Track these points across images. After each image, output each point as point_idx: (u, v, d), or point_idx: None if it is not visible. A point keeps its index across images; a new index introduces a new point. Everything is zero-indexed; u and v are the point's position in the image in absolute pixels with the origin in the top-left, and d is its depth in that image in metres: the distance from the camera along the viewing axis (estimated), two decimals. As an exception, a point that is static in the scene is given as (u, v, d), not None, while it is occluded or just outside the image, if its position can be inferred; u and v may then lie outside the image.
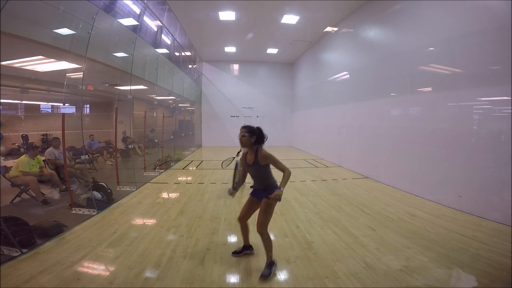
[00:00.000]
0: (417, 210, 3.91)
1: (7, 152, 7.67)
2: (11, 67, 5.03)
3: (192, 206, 4.18)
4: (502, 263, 2.40)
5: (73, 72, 4.11)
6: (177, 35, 9.62)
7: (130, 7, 6.44)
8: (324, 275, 2.25)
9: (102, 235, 3.06)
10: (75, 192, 4.48)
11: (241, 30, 9.16)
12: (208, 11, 7.67)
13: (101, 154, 7.75)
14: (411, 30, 4.93)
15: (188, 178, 6.40)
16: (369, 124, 6.39)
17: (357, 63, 7.08)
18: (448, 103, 4.21)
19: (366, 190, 5.17)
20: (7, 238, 2.60)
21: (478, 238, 2.92)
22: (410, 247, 2.75)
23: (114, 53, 5.44)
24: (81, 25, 3.95)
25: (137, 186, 5.26)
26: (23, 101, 8.54)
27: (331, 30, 8.68)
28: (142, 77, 6.47)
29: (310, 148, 11.17)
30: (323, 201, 4.37)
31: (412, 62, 4.92)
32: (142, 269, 2.35)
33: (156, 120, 8.61)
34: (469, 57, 3.83)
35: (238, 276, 2.28)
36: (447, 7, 4.12)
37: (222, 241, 2.94)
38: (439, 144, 4.31)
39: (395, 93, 5.56)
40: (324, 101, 9.47)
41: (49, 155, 4.99)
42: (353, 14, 7.19)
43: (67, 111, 4.14)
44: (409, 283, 2.14)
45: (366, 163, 6.53)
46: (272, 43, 10.92)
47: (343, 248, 2.76)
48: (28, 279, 2.16)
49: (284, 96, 14.10)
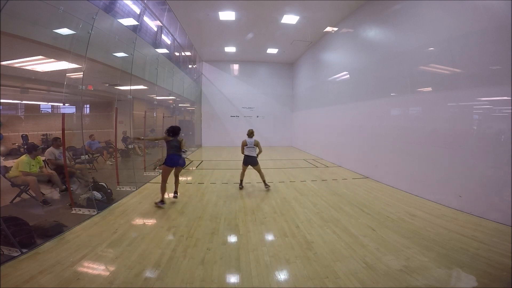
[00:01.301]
0: (417, 210, 3.91)
1: (7, 152, 7.67)
2: (11, 67, 5.02)
3: (192, 206, 4.19)
4: (502, 263, 2.41)
5: (73, 72, 4.11)
6: (177, 35, 9.62)
7: (130, 7, 6.44)
8: (324, 275, 2.25)
9: (102, 235, 3.06)
10: (75, 192, 4.48)
11: (241, 30, 9.16)
12: (208, 11, 7.68)
13: (101, 154, 7.75)
14: (411, 30, 4.93)
15: (188, 178, 6.40)
16: (369, 124, 6.40)
17: (357, 63, 7.08)
18: (448, 103, 4.21)
19: (366, 190, 5.17)
20: (7, 238, 2.60)
21: (478, 238, 2.92)
22: (410, 247, 2.75)
23: (114, 53, 5.44)
24: (81, 25, 3.95)
25: (137, 186, 5.26)
26: (23, 101, 8.54)
27: (331, 30, 8.69)
28: (142, 77, 6.47)
29: (310, 148, 11.17)
30: (323, 201, 4.37)
31: (412, 62, 4.92)
32: (142, 269, 2.35)
33: (156, 120, 8.61)
34: (469, 57, 3.83)
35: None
36: (447, 7, 4.12)
37: (222, 241, 2.94)
38: (439, 144, 4.31)
39: (395, 93, 5.56)
40: (324, 101, 9.48)
41: (49, 155, 4.98)
42: (353, 14, 7.19)
43: (67, 111, 4.14)
44: (409, 283, 2.14)
45: (366, 163, 6.54)
46: (272, 43, 10.92)
47: (343, 248, 2.76)
48: (28, 279, 2.17)
49: (284, 96, 14.10)
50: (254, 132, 5.23)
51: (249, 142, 5.06)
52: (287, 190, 5.04)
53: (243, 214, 3.81)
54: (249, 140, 5.08)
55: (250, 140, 5.08)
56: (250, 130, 5.24)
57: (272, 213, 3.87)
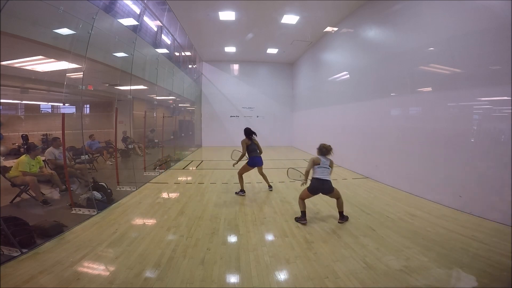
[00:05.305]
0: (417, 210, 3.91)
1: (7, 152, 7.68)
2: (11, 67, 5.02)
3: (192, 206, 4.19)
4: (502, 263, 2.40)
5: (73, 72, 4.11)
6: (177, 35, 9.61)
7: (130, 7, 6.44)
8: (324, 275, 2.25)
9: (102, 235, 3.06)
10: (75, 192, 4.48)
11: (241, 30, 9.16)
12: (208, 11, 7.67)
13: (101, 154, 7.75)
14: (411, 30, 4.93)
15: (188, 178, 6.40)
16: (369, 124, 6.39)
17: (357, 63, 7.08)
18: (448, 103, 4.21)
19: (366, 190, 5.17)
20: (7, 238, 2.60)
21: (478, 238, 2.92)
22: (410, 247, 2.75)
23: (114, 53, 5.44)
24: (81, 25, 3.95)
25: (137, 186, 5.26)
26: (23, 101, 8.55)
27: (331, 30, 8.68)
28: (142, 77, 6.47)
29: (310, 148, 11.16)
30: (323, 201, 4.36)
31: (412, 62, 4.92)
32: (142, 269, 2.35)
33: (156, 120, 8.61)
34: (469, 57, 3.83)
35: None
36: (447, 7, 4.11)
37: (222, 241, 2.94)
38: (439, 144, 4.31)
39: (395, 93, 5.56)
40: (324, 101, 9.48)
41: (49, 155, 4.99)
42: (353, 14, 7.19)
43: (67, 111, 4.13)
44: (409, 283, 2.14)
45: (366, 163, 6.53)
46: (272, 43, 10.91)
47: (343, 248, 2.76)
48: (28, 279, 2.16)
49: (284, 96, 14.09)
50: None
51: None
52: (287, 190, 5.04)
53: (243, 214, 3.81)
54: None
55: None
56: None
57: (272, 213, 3.87)
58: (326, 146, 3.48)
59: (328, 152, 3.46)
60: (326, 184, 3.34)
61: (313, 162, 3.42)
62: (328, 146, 3.47)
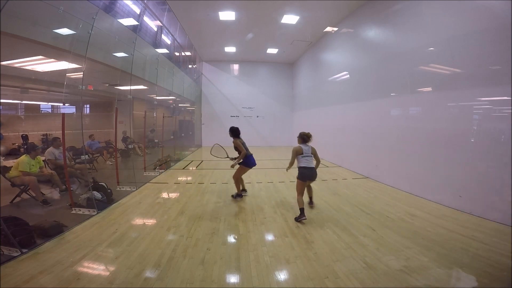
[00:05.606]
0: (417, 210, 3.91)
1: (7, 152, 7.67)
2: (11, 67, 5.02)
3: (192, 206, 4.19)
4: (502, 263, 2.40)
5: (73, 72, 4.10)
6: (177, 35, 9.61)
7: (130, 7, 6.44)
8: (324, 275, 2.25)
9: (102, 235, 3.06)
10: (75, 192, 4.48)
11: (241, 30, 9.16)
12: (208, 11, 7.67)
13: (101, 154, 7.75)
14: (411, 30, 4.93)
15: (188, 178, 6.40)
16: (369, 124, 6.39)
17: (357, 63, 7.08)
18: (448, 103, 4.21)
19: (366, 190, 5.17)
20: (7, 238, 2.60)
21: (478, 238, 2.92)
22: (410, 247, 2.75)
23: (114, 53, 5.43)
24: (81, 25, 3.95)
25: (137, 186, 5.26)
26: (23, 101, 8.55)
27: (331, 30, 8.68)
28: (142, 77, 6.47)
29: (310, 148, 11.16)
30: (323, 201, 4.37)
31: (412, 62, 4.92)
32: (142, 269, 2.35)
33: (156, 120, 8.61)
34: (469, 57, 3.83)
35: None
36: (447, 7, 4.11)
37: (222, 241, 2.94)
38: (439, 144, 4.31)
39: (395, 93, 5.56)
40: (324, 101, 9.47)
41: (49, 155, 4.99)
42: (353, 14, 7.19)
43: (67, 111, 4.13)
44: (409, 283, 2.14)
45: (366, 163, 6.53)
46: (272, 43, 10.91)
47: (343, 248, 2.76)
48: (28, 279, 2.17)
49: (284, 96, 14.09)
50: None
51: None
52: (287, 190, 5.04)
53: (243, 214, 3.81)
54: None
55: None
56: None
57: (272, 213, 3.87)
58: (306, 133, 3.84)
59: (309, 138, 3.82)
60: (313, 171, 3.71)
61: (296, 152, 3.73)
62: (308, 133, 3.84)
